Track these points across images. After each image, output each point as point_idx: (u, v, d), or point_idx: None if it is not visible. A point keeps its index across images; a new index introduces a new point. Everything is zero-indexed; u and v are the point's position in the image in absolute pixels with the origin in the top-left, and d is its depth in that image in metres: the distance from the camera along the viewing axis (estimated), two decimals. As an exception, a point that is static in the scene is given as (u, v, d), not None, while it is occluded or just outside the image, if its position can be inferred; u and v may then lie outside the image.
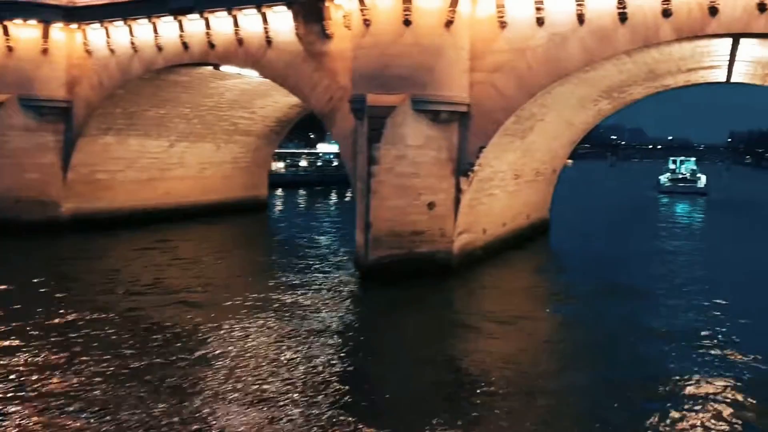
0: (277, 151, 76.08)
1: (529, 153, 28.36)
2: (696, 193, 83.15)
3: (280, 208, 52.89)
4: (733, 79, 29.88)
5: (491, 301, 21.56)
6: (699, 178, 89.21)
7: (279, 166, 72.36)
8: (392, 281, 21.81)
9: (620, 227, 42.73)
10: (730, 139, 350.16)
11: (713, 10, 19.20)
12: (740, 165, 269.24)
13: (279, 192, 65.22)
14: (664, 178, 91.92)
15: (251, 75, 28.72)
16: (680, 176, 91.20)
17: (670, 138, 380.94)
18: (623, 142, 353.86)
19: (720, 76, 29.18)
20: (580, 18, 21.02)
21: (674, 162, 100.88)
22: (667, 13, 19.80)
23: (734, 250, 33.97)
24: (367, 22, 22.11)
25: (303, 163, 75.09)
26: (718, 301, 21.57)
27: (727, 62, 24.60)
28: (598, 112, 31.42)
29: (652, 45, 20.43)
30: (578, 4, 20.94)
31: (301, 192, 66.49)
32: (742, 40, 20.30)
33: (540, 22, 21.71)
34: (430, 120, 22.34)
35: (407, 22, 21.72)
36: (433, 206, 22.62)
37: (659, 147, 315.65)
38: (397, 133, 22.06)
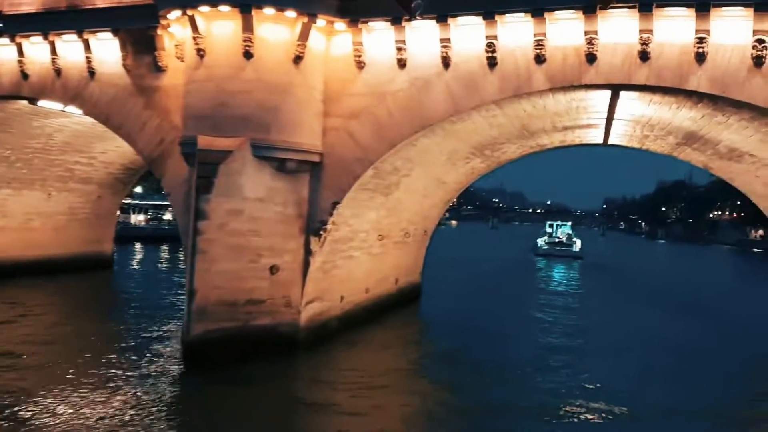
0: (137, 202, 71.10)
1: (396, 212, 25.56)
2: (572, 257, 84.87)
3: (130, 266, 47.64)
4: (610, 141, 28.48)
5: (339, 382, 18.04)
6: (574, 242, 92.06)
7: (139, 218, 66.98)
8: (222, 360, 17.99)
9: (497, 291, 40.84)
10: (605, 205, 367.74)
11: (591, 58, 17.13)
12: (615, 231, 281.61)
13: (137, 247, 59.80)
14: (541, 242, 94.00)
15: (78, 113, 24.66)
16: (556, 240, 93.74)
17: (549, 202, 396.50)
18: (504, 206, 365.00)
19: (597, 137, 27.67)
20: (446, 61, 18.52)
21: (551, 226, 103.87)
22: (540, 59, 17.60)
23: (605, 318, 32.98)
24: (201, 53, 18.73)
25: (167, 216, 69.41)
26: (584, 376, 19.81)
27: (605, 120, 22.84)
28: (472, 171, 29.20)
29: (524, 95, 18.15)
30: (443, 46, 18.44)
31: (164, 247, 61.24)
32: (622, 94, 18.35)
33: (401, 64, 19.06)
34: (275, 169, 19.03)
35: (248, 55, 18.52)
36: (276, 270, 19.13)
37: (539, 211, 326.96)
38: (233, 184, 18.59)
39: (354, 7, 18.95)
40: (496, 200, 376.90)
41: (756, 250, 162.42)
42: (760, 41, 15.79)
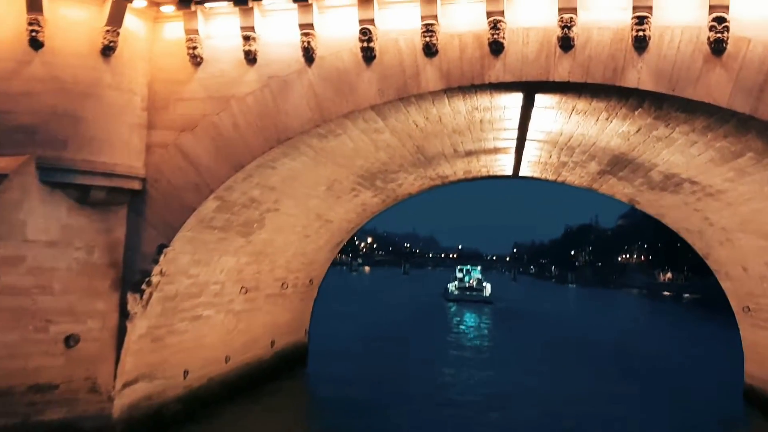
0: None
1: (266, 257, 20.45)
2: (482, 302, 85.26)
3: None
4: (522, 172, 24.51)
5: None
6: (484, 287, 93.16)
7: None
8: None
9: (402, 346, 36.17)
10: (515, 249, 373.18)
11: (497, 47, 12.82)
12: (526, 275, 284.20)
13: None
14: (452, 287, 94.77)
15: None
16: (467, 285, 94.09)
17: (460, 247, 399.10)
18: (417, 250, 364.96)
19: (507, 166, 23.59)
20: (309, 54, 13.85)
21: (461, 271, 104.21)
22: (430, 50, 13.17)
23: (514, 371, 29.90)
24: (-38, 38, 13.49)
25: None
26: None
27: (515, 141, 18.67)
28: (363, 207, 24.53)
29: (412, 98, 13.63)
30: (305, 34, 13.80)
31: None
32: (539, 99, 14.09)
33: (251, 58, 14.28)
34: (75, 201, 13.76)
35: (36, 43, 13.35)
36: (74, 342, 13.71)
37: (451, 256, 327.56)
38: (10, 221, 13.16)
39: (184, -20, 14.11)
40: (408, 245, 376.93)
41: (665, 293, 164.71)
42: (720, 20, 11.84)
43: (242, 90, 14.33)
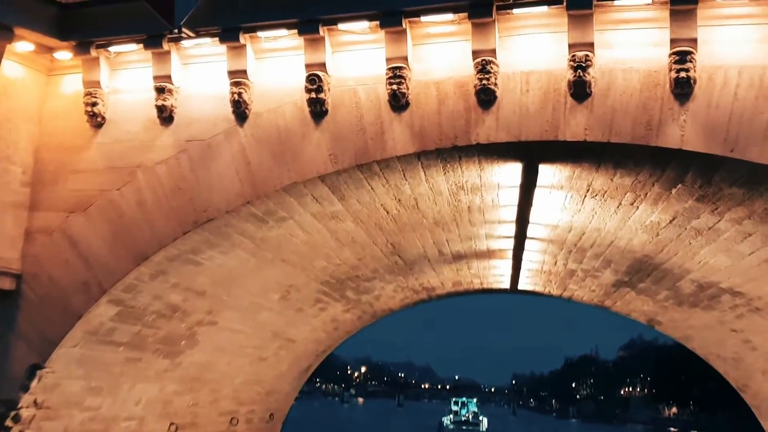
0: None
1: (204, 384, 16.34)
2: None
3: None
4: (521, 285, 20.85)
5: None
6: (481, 421, 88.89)
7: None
8: None
9: None
10: (514, 381, 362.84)
11: (486, 97, 9.48)
12: (525, 408, 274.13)
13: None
14: (447, 420, 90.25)
15: None
16: (463, 419, 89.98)
17: (457, 377, 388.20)
18: (413, 381, 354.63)
19: (503, 276, 19.97)
20: (240, 109, 10.48)
21: (457, 404, 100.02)
22: (398, 102, 9.86)
23: None
24: None
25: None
26: None
27: (513, 239, 15.11)
28: (335, 324, 20.62)
29: (375, 165, 10.19)
30: (235, 82, 10.45)
31: None
32: (542, 172, 10.66)
33: (165, 116, 10.85)
34: None
35: None
36: None
37: (447, 387, 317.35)
38: None
39: (83, 18, 10.94)
40: (402, 375, 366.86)
41: (671, 429, 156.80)
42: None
43: (153, 157, 10.88)
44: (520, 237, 14.42)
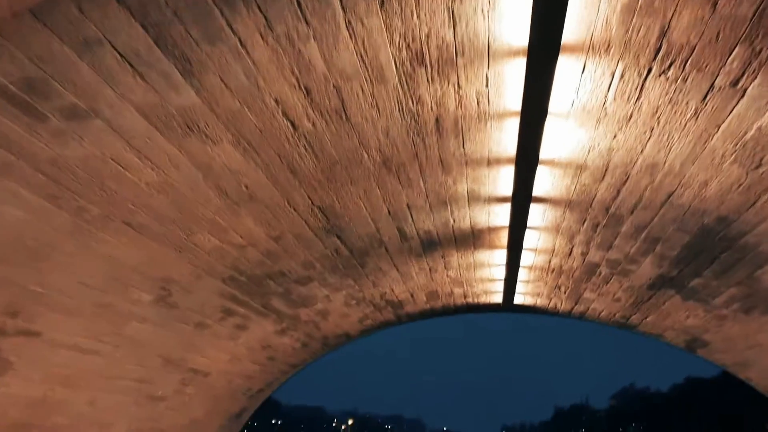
0: None
1: (51, 435, 10.94)
2: None
3: None
4: (518, 296, 15.58)
5: None
6: None
7: None
8: None
9: None
10: None
11: None
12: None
13: None
14: None
15: None
16: None
17: (445, 429, 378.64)
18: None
19: (495, 285, 14.72)
20: None
21: None
22: None
23: None
24: None
25: None
26: None
27: (513, 184, 9.95)
28: (271, 354, 15.19)
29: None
30: None
31: None
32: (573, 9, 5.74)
33: None
34: None
35: None
36: None
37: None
38: None
39: None
40: (390, 427, 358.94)
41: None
42: None
43: None
44: (523, 186, 9.13)
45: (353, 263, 11.78)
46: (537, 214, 9.95)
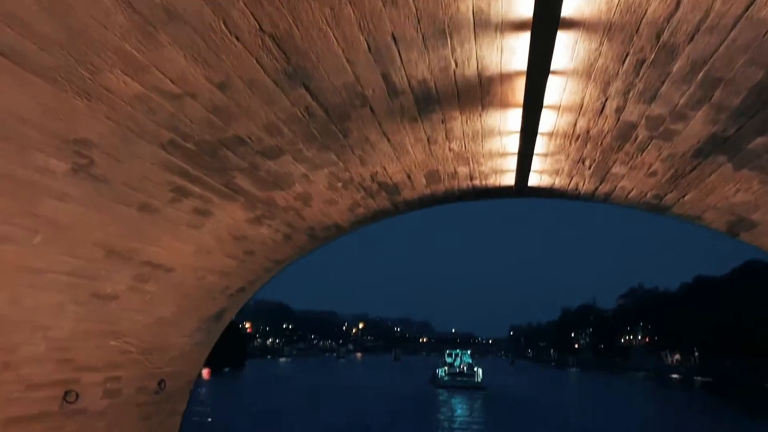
0: None
1: None
2: (474, 388, 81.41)
3: None
4: (534, 175, 13.32)
5: None
6: (476, 372, 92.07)
7: None
8: None
9: None
10: (511, 332, 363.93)
11: None
12: (523, 359, 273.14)
13: None
14: (441, 372, 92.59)
15: None
16: (457, 370, 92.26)
17: (453, 330, 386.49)
18: (409, 335, 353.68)
19: (506, 161, 12.44)
20: None
21: (450, 356, 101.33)
22: None
23: None
24: None
25: None
26: None
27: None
28: (247, 246, 13.16)
29: None
30: None
31: None
32: None
33: None
34: None
35: None
36: None
37: (445, 340, 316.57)
38: None
39: None
40: (399, 329, 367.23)
41: (674, 376, 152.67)
42: None
43: None
44: (547, 1, 6.72)
45: (332, 130, 9.49)
46: (564, 49, 7.54)
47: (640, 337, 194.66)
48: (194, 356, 15.65)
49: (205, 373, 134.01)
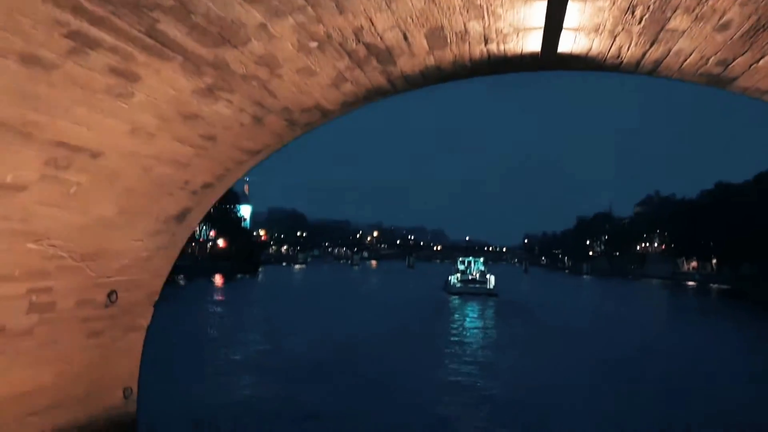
0: None
1: None
2: (486, 294, 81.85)
3: None
4: (564, 43, 10.44)
5: None
6: (488, 279, 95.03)
7: None
8: None
9: (390, 364, 30.54)
10: (526, 241, 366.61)
11: None
12: (537, 266, 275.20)
13: None
14: (454, 279, 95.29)
15: None
16: (470, 277, 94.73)
17: (468, 238, 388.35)
18: (423, 243, 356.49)
19: (533, 17, 9.57)
20: None
21: (463, 263, 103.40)
22: None
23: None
24: None
25: None
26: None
27: None
28: (204, 129, 10.48)
29: None
30: None
31: None
32: None
33: None
34: None
35: None
36: None
37: (458, 248, 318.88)
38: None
39: None
40: (413, 238, 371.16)
41: (690, 283, 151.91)
42: None
43: None
44: None
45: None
46: None
47: (656, 245, 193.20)
48: (155, 263, 13.27)
49: (218, 279, 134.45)
